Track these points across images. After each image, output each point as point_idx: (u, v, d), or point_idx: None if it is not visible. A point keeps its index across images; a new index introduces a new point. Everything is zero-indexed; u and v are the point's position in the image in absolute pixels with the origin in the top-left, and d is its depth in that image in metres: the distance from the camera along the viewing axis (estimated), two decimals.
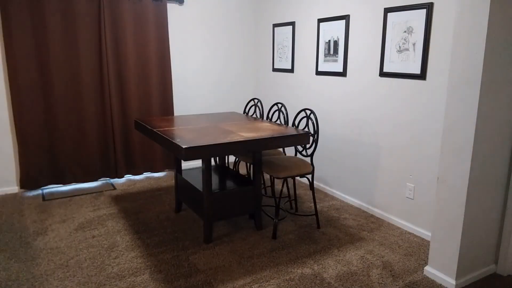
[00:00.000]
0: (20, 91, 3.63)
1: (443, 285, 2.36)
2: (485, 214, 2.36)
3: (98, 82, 3.97)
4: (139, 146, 4.31)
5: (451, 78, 2.20)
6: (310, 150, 3.89)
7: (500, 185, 2.39)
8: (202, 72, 4.70)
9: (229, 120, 3.36)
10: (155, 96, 4.30)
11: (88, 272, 2.45)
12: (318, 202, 3.67)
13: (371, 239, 2.92)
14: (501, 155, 2.32)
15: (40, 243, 2.81)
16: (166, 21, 4.21)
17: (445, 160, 2.28)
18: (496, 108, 2.19)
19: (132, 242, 2.85)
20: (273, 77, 4.70)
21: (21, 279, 2.37)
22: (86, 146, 4.01)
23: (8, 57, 3.54)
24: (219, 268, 2.51)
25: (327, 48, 3.73)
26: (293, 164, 2.99)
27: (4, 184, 3.81)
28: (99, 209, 3.44)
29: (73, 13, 3.73)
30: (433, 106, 2.80)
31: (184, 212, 3.41)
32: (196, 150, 2.41)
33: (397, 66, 3.02)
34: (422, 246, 2.82)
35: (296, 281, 2.38)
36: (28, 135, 3.73)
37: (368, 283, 2.36)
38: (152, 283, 2.34)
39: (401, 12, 2.93)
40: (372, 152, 3.36)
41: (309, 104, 4.10)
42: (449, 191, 2.28)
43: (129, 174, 4.34)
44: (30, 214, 3.32)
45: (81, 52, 3.83)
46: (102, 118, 4.05)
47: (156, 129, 2.93)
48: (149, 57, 4.17)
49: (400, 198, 3.15)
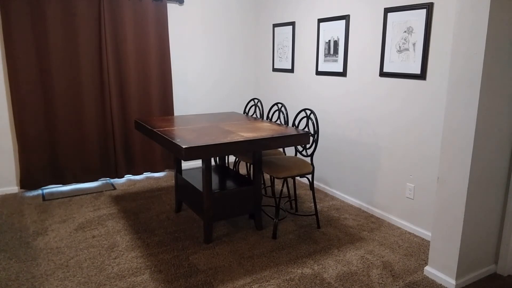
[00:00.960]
0: (20, 91, 3.63)
1: (443, 285, 2.36)
2: (485, 214, 2.36)
3: (98, 82, 3.98)
4: (139, 146, 4.31)
5: (451, 78, 2.20)
6: (310, 150, 3.89)
7: (500, 185, 2.39)
8: (202, 72, 4.70)
9: (229, 120, 3.36)
10: (155, 96, 4.30)
11: (88, 272, 2.45)
12: (318, 202, 3.67)
13: (371, 239, 2.92)
14: (501, 155, 2.32)
15: (40, 243, 2.81)
16: (166, 21, 4.21)
17: (445, 160, 2.28)
18: (496, 108, 2.19)
19: (132, 242, 2.85)
20: (273, 77, 4.70)
21: (21, 279, 2.37)
22: (86, 146, 4.01)
23: (8, 57, 3.54)
24: (219, 268, 2.52)
25: (327, 48, 3.73)
26: (293, 164, 2.99)
27: (4, 184, 3.82)
28: (99, 209, 3.44)
29: (73, 13, 3.73)
30: (433, 106, 2.80)
31: (184, 212, 3.41)
32: (196, 150, 2.41)
33: (397, 66, 3.02)
34: (422, 246, 2.82)
35: (296, 281, 2.38)
36: (28, 135, 3.73)
37: (368, 283, 2.36)
38: (152, 283, 2.34)
39: (401, 12, 2.93)
40: (372, 152, 3.36)
41: (309, 104, 4.09)
42: (449, 191, 2.28)
43: (129, 174, 4.35)
44: (30, 214, 3.32)
45: (81, 52, 3.83)
46: (102, 118, 4.06)
47: (156, 129, 2.93)
48: (149, 57, 4.17)
49: (400, 198, 3.15)
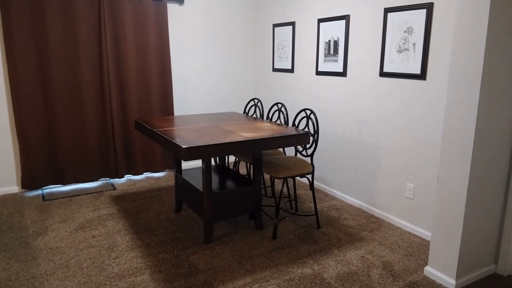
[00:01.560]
0: (20, 91, 3.63)
1: (443, 285, 2.36)
2: (485, 214, 2.36)
3: (98, 82, 3.98)
4: (139, 146, 4.31)
5: (451, 78, 2.20)
6: (310, 150, 3.89)
7: (500, 185, 2.39)
8: (202, 72, 4.70)
9: (229, 120, 3.36)
10: (155, 96, 4.30)
11: (88, 272, 2.45)
12: (318, 202, 3.67)
13: (371, 239, 2.92)
14: (501, 155, 2.32)
15: (40, 243, 2.81)
16: (166, 21, 4.21)
17: (445, 160, 2.28)
18: (496, 108, 2.19)
19: (132, 242, 2.85)
20: (273, 77, 4.70)
21: (21, 279, 2.37)
22: (86, 146, 4.01)
23: (8, 58, 3.54)
24: (219, 268, 2.52)
25: (327, 48, 3.73)
26: (293, 164, 2.99)
27: (5, 184, 3.82)
28: (99, 209, 3.44)
29: (74, 13, 3.73)
30: (433, 106, 2.80)
31: (184, 212, 3.41)
32: (196, 150, 2.41)
33: (397, 66, 3.02)
34: (422, 246, 2.82)
35: (296, 281, 2.38)
36: (28, 135, 3.73)
37: (368, 283, 2.36)
38: (152, 283, 2.34)
39: (401, 12, 2.93)
40: (372, 152, 3.36)
41: (309, 104, 4.09)
42: (449, 191, 2.28)
43: (129, 174, 4.35)
44: (30, 214, 3.32)
45: (82, 52, 3.83)
46: (102, 118, 4.06)
47: (156, 129, 2.93)
48: (149, 57, 4.17)
49: (400, 198, 3.15)
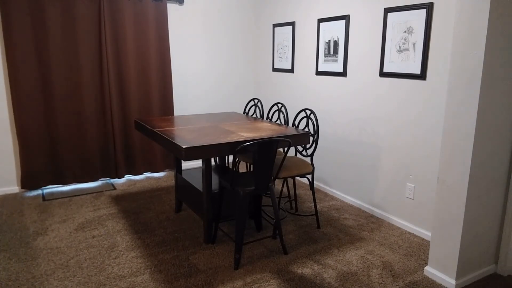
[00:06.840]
0: (20, 91, 3.63)
1: (443, 285, 2.36)
2: (485, 214, 2.36)
3: (98, 82, 3.98)
4: (139, 146, 4.31)
5: (451, 78, 2.20)
6: (310, 150, 3.89)
7: (500, 185, 2.39)
8: (202, 72, 4.70)
9: (229, 120, 3.36)
10: (155, 96, 4.30)
11: (88, 272, 2.45)
12: (318, 202, 3.67)
13: (371, 239, 2.92)
14: (501, 155, 2.32)
15: (40, 243, 2.81)
16: (166, 21, 4.21)
17: (445, 160, 2.28)
18: (496, 108, 2.19)
19: (132, 242, 2.85)
20: (273, 77, 4.70)
21: (21, 279, 2.37)
22: (86, 146, 4.01)
23: (8, 58, 3.54)
24: (219, 268, 2.51)
25: (327, 48, 3.73)
26: (293, 164, 2.99)
27: (5, 184, 3.82)
28: (99, 209, 3.44)
29: (73, 13, 3.73)
30: (433, 106, 2.80)
31: (184, 212, 3.41)
32: (196, 150, 2.41)
33: (397, 66, 3.02)
34: (422, 246, 2.82)
35: (296, 281, 2.38)
36: (28, 135, 3.73)
37: (368, 283, 2.36)
38: (152, 283, 2.34)
39: (401, 12, 2.93)
40: (372, 152, 3.36)
41: (309, 104, 4.09)
42: (449, 191, 2.28)
43: (129, 174, 4.35)
44: (30, 214, 3.32)
45: (82, 52, 3.83)
46: (102, 118, 4.06)
47: (156, 129, 2.93)
48: (149, 57, 4.17)
49: (400, 198, 3.15)
